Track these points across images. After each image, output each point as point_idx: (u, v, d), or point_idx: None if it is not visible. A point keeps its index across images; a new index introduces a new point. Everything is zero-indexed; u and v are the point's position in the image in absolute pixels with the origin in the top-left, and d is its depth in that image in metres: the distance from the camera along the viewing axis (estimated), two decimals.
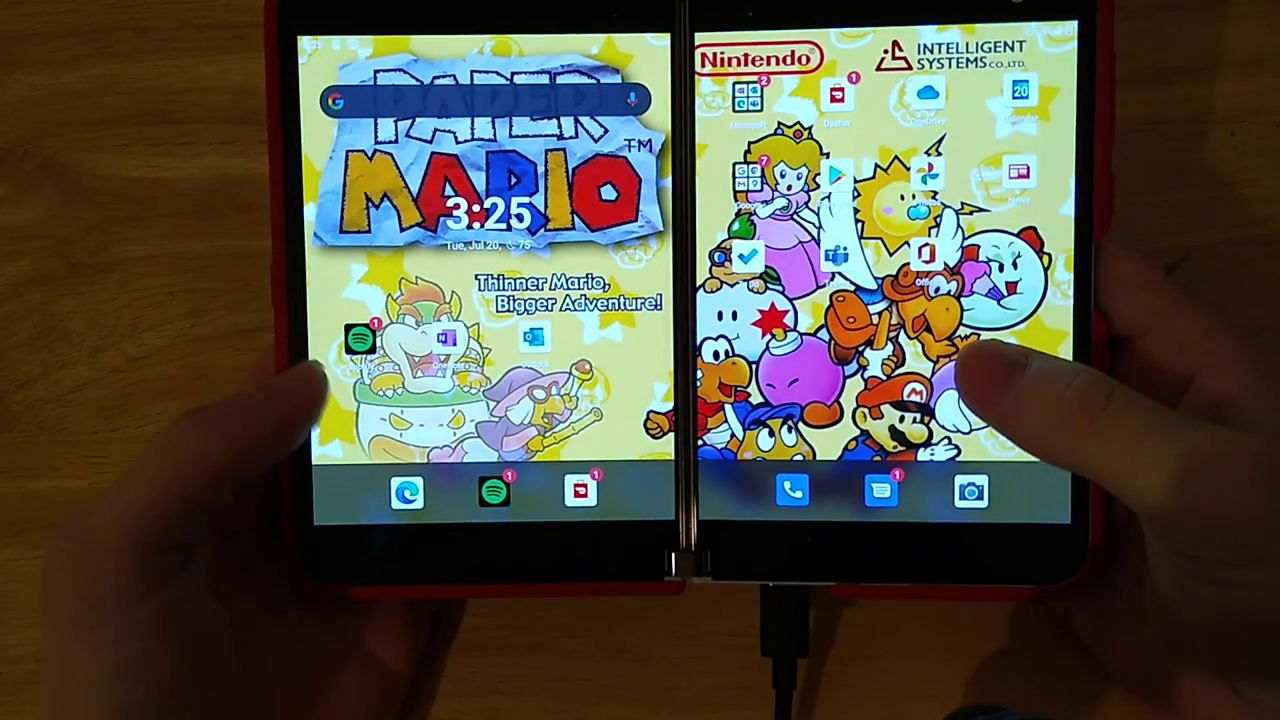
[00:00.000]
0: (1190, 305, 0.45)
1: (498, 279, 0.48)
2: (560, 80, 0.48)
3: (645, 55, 0.48)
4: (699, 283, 0.48)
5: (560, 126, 0.48)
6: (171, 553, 0.43)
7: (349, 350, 0.48)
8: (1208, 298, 0.46)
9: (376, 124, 0.48)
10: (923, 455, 0.48)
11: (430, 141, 0.48)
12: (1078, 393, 0.40)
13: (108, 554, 0.42)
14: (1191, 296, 0.46)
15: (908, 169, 0.47)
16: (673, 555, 0.48)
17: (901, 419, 0.48)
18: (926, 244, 0.47)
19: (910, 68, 0.47)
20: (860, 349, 0.48)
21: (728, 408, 0.48)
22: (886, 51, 0.47)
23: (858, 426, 0.48)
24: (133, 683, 0.42)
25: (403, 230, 0.48)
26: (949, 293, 0.47)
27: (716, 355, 0.48)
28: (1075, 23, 0.47)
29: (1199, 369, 0.44)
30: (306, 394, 0.47)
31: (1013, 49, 0.47)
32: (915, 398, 0.48)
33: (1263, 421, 0.42)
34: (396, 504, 0.48)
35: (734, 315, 0.48)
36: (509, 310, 0.48)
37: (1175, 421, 0.40)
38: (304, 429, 0.47)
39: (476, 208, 0.48)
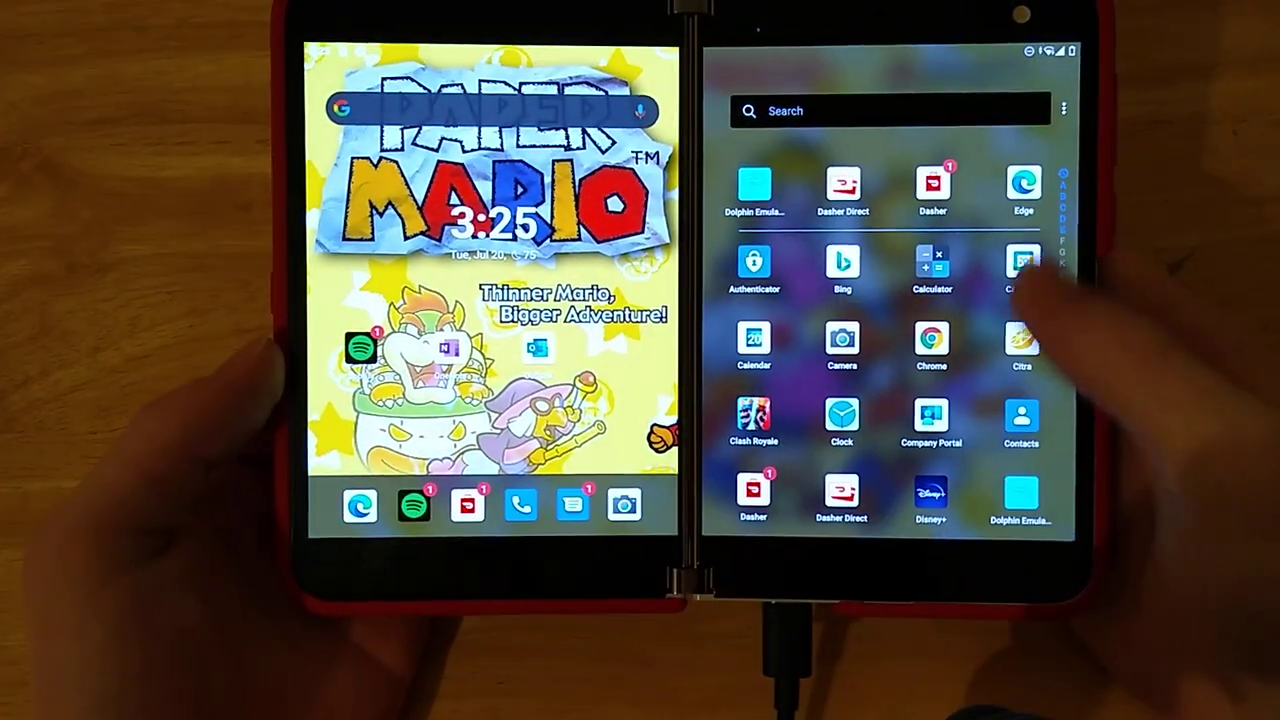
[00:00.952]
0: (1195, 296, 0.45)
1: (502, 289, 0.48)
2: (568, 91, 0.48)
3: (654, 68, 0.48)
4: (705, 295, 0.48)
5: (568, 137, 0.48)
6: (140, 535, 0.44)
7: (349, 359, 0.48)
8: (1209, 298, 0.46)
9: (383, 131, 0.48)
10: (928, 471, 0.48)
11: (436, 150, 0.48)
12: (1145, 334, 0.41)
13: (74, 537, 0.42)
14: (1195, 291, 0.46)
15: (914, 182, 0.47)
16: (675, 572, 0.48)
17: (908, 433, 0.48)
18: (932, 258, 0.47)
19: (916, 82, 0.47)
20: (866, 363, 0.48)
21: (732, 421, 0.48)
22: (892, 68, 0.47)
23: (864, 441, 0.48)
24: (105, 674, 0.42)
25: (407, 238, 0.48)
26: (954, 307, 0.47)
27: (722, 368, 0.48)
28: (1078, 43, 0.47)
29: (1212, 356, 0.44)
30: (252, 365, 0.46)
31: (1016, 68, 0.47)
32: (921, 412, 0.48)
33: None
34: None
35: (739, 328, 0.48)
36: (513, 321, 0.48)
37: (1227, 386, 0.40)
38: (257, 400, 0.46)
39: (482, 217, 0.48)
